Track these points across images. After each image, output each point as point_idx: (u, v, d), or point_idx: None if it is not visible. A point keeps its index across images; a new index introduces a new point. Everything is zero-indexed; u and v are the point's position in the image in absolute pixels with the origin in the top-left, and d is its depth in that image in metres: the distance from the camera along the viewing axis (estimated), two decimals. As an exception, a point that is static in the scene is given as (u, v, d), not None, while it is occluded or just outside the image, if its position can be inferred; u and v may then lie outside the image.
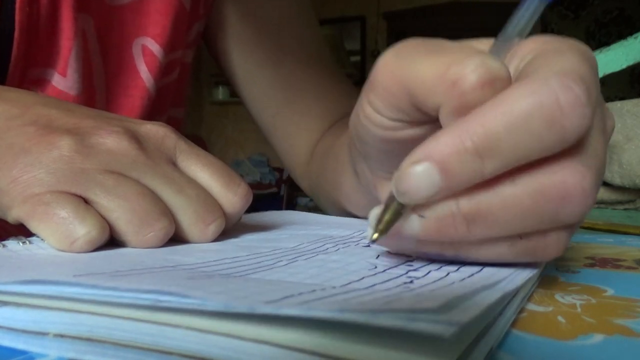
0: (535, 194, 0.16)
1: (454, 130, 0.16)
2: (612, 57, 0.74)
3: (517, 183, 0.16)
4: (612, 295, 0.18)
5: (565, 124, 0.15)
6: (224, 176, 0.26)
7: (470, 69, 0.17)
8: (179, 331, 0.12)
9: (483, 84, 0.16)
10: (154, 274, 0.16)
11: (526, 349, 0.13)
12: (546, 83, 0.15)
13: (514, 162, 0.16)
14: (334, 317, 0.10)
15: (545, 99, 0.15)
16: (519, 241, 0.17)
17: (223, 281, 0.14)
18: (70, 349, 0.13)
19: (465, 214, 0.16)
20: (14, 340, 0.14)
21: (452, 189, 0.16)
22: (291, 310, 0.11)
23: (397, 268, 0.18)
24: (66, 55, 0.35)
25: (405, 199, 0.16)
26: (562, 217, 0.16)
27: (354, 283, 0.16)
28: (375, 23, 3.68)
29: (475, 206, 0.16)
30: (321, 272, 0.17)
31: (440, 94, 0.17)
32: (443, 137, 0.16)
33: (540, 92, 0.15)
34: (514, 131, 0.15)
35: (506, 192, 0.16)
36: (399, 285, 0.15)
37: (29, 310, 0.14)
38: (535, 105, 0.15)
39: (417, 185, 0.16)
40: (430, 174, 0.16)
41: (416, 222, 0.17)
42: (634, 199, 0.56)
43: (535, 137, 0.15)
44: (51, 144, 0.22)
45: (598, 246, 0.29)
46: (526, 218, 0.16)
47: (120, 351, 0.12)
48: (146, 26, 0.40)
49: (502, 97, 0.16)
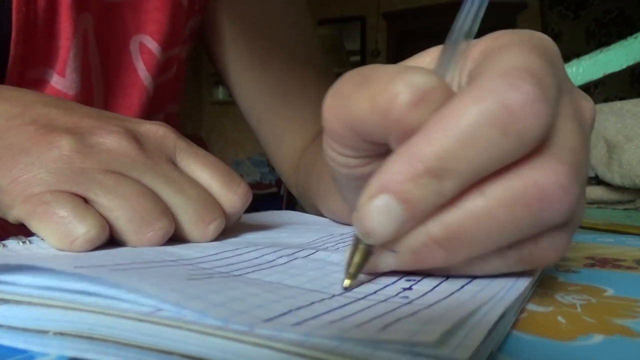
0: (508, 203, 0.15)
1: (402, 155, 0.15)
2: (612, 57, 0.74)
3: (486, 195, 0.15)
4: (612, 295, 0.18)
5: (520, 127, 0.14)
6: (224, 176, 0.26)
7: (394, 94, 0.15)
8: (179, 332, 0.12)
9: (415, 104, 0.15)
10: (155, 269, 0.16)
11: (526, 349, 0.13)
12: (490, 86, 0.14)
13: (475, 176, 0.15)
14: (334, 350, 0.10)
15: (492, 105, 0.14)
16: (509, 252, 0.16)
17: (222, 286, 0.14)
18: (70, 347, 0.13)
19: (438, 240, 0.15)
20: (14, 339, 0.14)
21: (417, 217, 0.15)
22: (290, 335, 0.11)
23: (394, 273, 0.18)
24: (65, 56, 0.35)
25: (371, 240, 0.15)
26: (546, 220, 0.15)
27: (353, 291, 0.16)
28: (375, 23, 3.67)
29: (447, 229, 0.15)
30: (320, 276, 0.17)
31: (379, 125, 0.16)
32: (393, 165, 0.15)
33: (485, 97, 0.14)
34: (465, 145, 0.14)
35: (477, 206, 0.15)
36: (397, 293, 0.15)
37: (29, 308, 0.14)
38: (482, 114, 0.14)
39: (380, 223, 0.15)
40: (390, 206, 0.15)
41: (390, 258, 0.16)
42: (634, 199, 0.56)
43: (490, 147, 0.14)
44: (51, 143, 0.22)
45: (598, 246, 0.29)
46: (506, 229, 0.15)
47: (121, 350, 0.12)
48: (144, 23, 0.39)
49: (445, 111, 0.15)
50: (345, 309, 0.13)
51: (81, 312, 0.13)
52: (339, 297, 0.15)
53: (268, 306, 0.13)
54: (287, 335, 0.11)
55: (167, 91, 0.44)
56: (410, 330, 0.11)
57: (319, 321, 0.12)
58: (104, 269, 0.15)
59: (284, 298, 0.14)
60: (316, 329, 0.11)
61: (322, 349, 0.10)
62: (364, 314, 0.13)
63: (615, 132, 0.56)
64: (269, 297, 0.14)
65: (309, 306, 0.13)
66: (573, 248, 0.29)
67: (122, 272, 0.15)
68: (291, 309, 0.13)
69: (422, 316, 0.12)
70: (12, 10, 0.32)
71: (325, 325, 0.12)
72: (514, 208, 0.15)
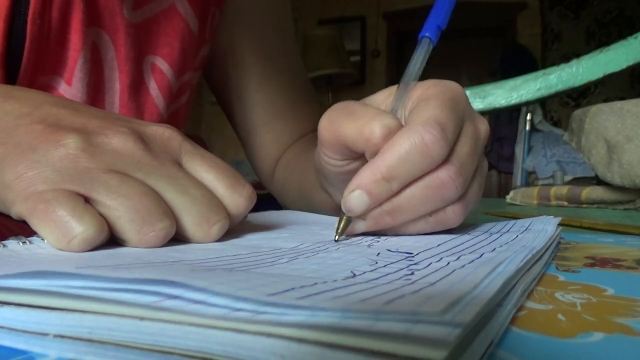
0: (425, 188, 0.25)
1: (369, 167, 0.25)
2: (612, 57, 0.74)
3: (414, 185, 0.25)
4: (613, 294, 0.18)
5: (431, 154, 0.25)
6: (229, 177, 0.26)
7: (375, 129, 0.26)
8: (180, 328, 0.12)
9: (385, 136, 0.25)
10: (156, 267, 0.16)
11: (526, 346, 0.13)
12: (416, 130, 0.25)
13: (408, 179, 0.25)
14: (337, 324, 0.10)
15: (417, 140, 0.24)
16: (429, 218, 0.27)
17: (226, 274, 0.14)
18: (70, 350, 0.13)
19: (387, 211, 0.26)
20: (14, 341, 0.14)
21: (376, 202, 0.25)
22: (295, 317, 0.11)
23: (398, 263, 0.18)
24: (72, 66, 0.36)
25: (351, 213, 0.26)
26: (445, 197, 0.26)
27: (356, 277, 0.16)
28: (375, 23, 3.68)
29: (392, 205, 0.26)
30: (322, 268, 0.17)
31: (361, 145, 0.26)
32: (365, 173, 0.25)
33: (413, 137, 0.25)
34: (403, 162, 0.25)
35: (408, 192, 0.25)
36: (400, 277, 0.16)
37: (30, 310, 0.14)
38: (411, 145, 0.24)
39: (356, 204, 0.25)
40: (361, 196, 0.25)
41: (361, 224, 0.27)
42: (634, 199, 0.56)
43: (416, 163, 0.25)
44: (58, 141, 0.22)
45: (598, 246, 0.29)
46: (425, 204, 0.26)
47: (120, 352, 0.12)
48: (155, 46, 0.41)
49: (393, 141, 0.25)
50: (349, 288, 0.13)
51: (81, 315, 0.13)
52: (342, 280, 0.15)
53: (271, 285, 0.13)
54: (291, 313, 0.11)
55: (180, 117, 0.46)
56: (415, 303, 0.11)
57: (322, 297, 0.12)
58: (106, 268, 0.15)
59: (287, 281, 0.14)
60: (320, 302, 0.11)
61: (324, 326, 0.10)
62: (367, 292, 0.13)
63: (615, 132, 0.56)
64: (273, 279, 0.14)
65: (313, 285, 0.13)
66: (573, 248, 0.29)
67: (124, 269, 0.15)
68: (294, 286, 0.13)
69: (425, 292, 0.13)
70: (28, 22, 0.33)
71: (329, 300, 0.12)
72: (427, 191, 0.25)
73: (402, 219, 0.26)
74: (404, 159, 0.24)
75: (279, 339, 0.11)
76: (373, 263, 0.18)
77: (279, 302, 0.11)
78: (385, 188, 0.25)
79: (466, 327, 0.10)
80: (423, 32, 0.30)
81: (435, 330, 0.10)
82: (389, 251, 0.22)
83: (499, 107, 0.82)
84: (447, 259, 0.19)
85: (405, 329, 0.10)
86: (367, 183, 0.25)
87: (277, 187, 0.55)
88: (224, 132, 3.84)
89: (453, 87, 0.28)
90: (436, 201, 0.26)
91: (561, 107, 3.26)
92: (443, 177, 0.25)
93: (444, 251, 0.21)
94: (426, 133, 0.24)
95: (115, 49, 0.38)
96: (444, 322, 0.10)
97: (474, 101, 0.83)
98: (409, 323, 0.10)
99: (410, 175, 0.25)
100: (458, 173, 0.25)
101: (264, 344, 0.11)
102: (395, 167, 0.25)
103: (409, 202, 0.25)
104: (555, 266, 0.23)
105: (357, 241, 0.26)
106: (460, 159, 0.26)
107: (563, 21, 3.30)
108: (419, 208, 0.26)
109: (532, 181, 2.08)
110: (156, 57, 0.41)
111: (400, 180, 0.25)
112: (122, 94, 0.39)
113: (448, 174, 0.25)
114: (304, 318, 0.11)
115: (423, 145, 0.24)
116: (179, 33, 0.41)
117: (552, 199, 0.65)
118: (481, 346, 0.12)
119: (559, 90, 0.78)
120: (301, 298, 0.12)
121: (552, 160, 2.08)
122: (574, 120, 0.63)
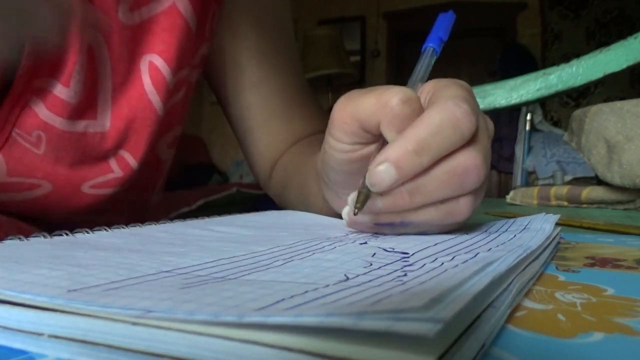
0: (448, 172, 0.25)
1: (400, 140, 0.24)
2: (612, 57, 0.74)
3: (438, 167, 0.25)
4: (613, 294, 0.18)
5: (462, 127, 0.24)
6: None
7: (394, 94, 0.25)
8: (171, 334, 0.12)
9: (403, 102, 0.25)
10: (149, 283, 0.16)
11: (526, 346, 0.13)
12: (446, 104, 0.25)
13: (438, 154, 0.24)
14: (321, 324, 0.10)
15: (447, 114, 0.24)
16: (441, 206, 0.26)
17: (216, 289, 0.14)
18: (64, 350, 0.13)
19: (408, 190, 0.25)
20: (9, 339, 0.14)
21: (405, 177, 0.24)
22: (279, 318, 0.11)
23: (392, 264, 0.18)
24: (71, 68, 0.36)
25: (375, 188, 0.25)
26: (466, 184, 0.25)
27: (349, 280, 0.16)
28: (375, 23, 3.68)
29: (415, 183, 0.25)
30: (316, 271, 0.17)
31: (378, 113, 0.26)
32: (394, 145, 0.24)
33: (444, 110, 0.24)
34: (435, 136, 0.24)
35: (432, 173, 0.25)
36: (392, 279, 0.15)
37: (25, 310, 0.14)
38: (443, 118, 0.24)
39: (382, 178, 0.24)
40: (389, 170, 0.24)
41: (379, 201, 0.26)
42: (634, 199, 0.56)
43: (447, 137, 0.24)
44: None
45: (598, 246, 0.29)
46: (445, 188, 0.25)
47: (113, 354, 0.12)
48: (153, 44, 0.41)
49: (423, 117, 0.25)
50: (339, 294, 0.13)
51: (75, 317, 0.13)
52: (333, 285, 0.15)
53: (260, 299, 0.13)
54: (276, 319, 0.11)
55: (176, 113, 0.45)
56: (399, 301, 0.11)
57: (310, 305, 0.12)
58: (97, 289, 0.15)
59: (277, 291, 0.14)
60: (306, 310, 0.11)
61: (308, 328, 0.10)
62: (357, 296, 0.13)
63: (615, 132, 0.56)
64: (262, 292, 0.14)
65: (303, 294, 0.13)
66: (573, 248, 0.29)
67: (114, 291, 0.15)
68: (284, 297, 0.13)
69: (413, 291, 0.13)
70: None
71: (316, 307, 0.12)
72: (450, 175, 0.25)
73: (419, 201, 0.25)
74: (435, 132, 0.24)
75: (266, 347, 0.11)
76: (367, 265, 0.18)
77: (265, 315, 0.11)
78: (415, 162, 0.24)
79: (449, 323, 0.10)
80: (427, 43, 0.32)
81: (417, 326, 0.10)
82: (385, 251, 0.22)
83: (499, 107, 0.82)
84: (441, 259, 0.19)
85: (387, 326, 0.10)
86: (398, 156, 0.24)
87: (275, 190, 0.55)
88: (224, 132, 3.84)
89: (463, 83, 0.28)
90: (457, 187, 0.25)
91: (561, 107, 3.26)
92: (469, 163, 0.25)
93: (439, 251, 0.21)
94: (456, 107, 0.24)
95: (108, 49, 0.39)
96: (426, 319, 0.10)
97: (473, 101, 0.83)
98: (391, 320, 0.10)
99: (441, 150, 0.24)
100: (483, 161, 0.25)
101: (252, 351, 0.11)
102: (426, 140, 0.24)
103: (431, 183, 0.25)
104: (555, 266, 0.23)
105: (353, 239, 0.26)
106: (483, 146, 0.26)
107: (563, 21, 3.30)
108: (438, 191, 0.25)
109: (532, 181, 2.08)
110: (153, 54, 0.41)
111: (431, 155, 0.24)
112: (114, 92, 0.40)
113: (474, 161, 0.25)
114: (288, 319, 0.11)
115: (455, 118, 0.24)
116: (176, 29, 0.41)
117: (552, 199, 0.65)
118: (472, 349, 0.12)
119: (559, 90, 0.78)
120: (289, 309, 0.11)
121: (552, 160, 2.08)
122: (574, 120, 0.63)
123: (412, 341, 0.10)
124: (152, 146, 0.42)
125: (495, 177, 2.97)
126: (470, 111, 0.24)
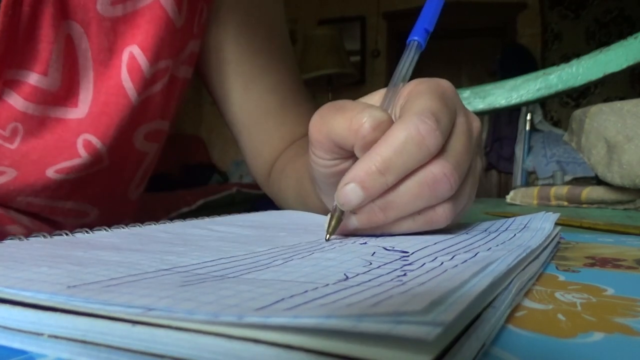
0: (418, 184, 0.25)
1: (365, 159, 0.25)
2: (612, 57, 0.74)
3: (408, 181, 0.25)
4: (613, 294, 0.18)
5: (427, 144, 0.24)
6: None
7: (365, 119, 0.25)
8: (171, 335, 0.12)
9: (374, 128, 0.25)
10: (148, 280, 0.16)
11: (526, 346, 0.13)
12: (411, 121, 0.24)
13: (404, 172, 0.24)
14: (320, 325, 0.10)
15: (412, 131, 0.24)
16: (418, 216, 0.26)
17: (215, 287, 0.14)
18: (64, 350, 0.13)
19: (380, 206, 0.25)
20: (9, 339, 0.14)
21: (371, 196, 0.25)
22: (278, 319, 0.11)
23: (392, 264, 0.18)
24: (47, 57, 0.36)
25: (344, 207, 0.25)
26: (439, 194, 0.25)
27: (349, 280, 0.16)
28: (375, 23, 3.68)
29: (385, 200, 0.25)
30: (316, 271, 0.17)
31: (351, 138, 0.26)
32: (359, 165, 0.25)
33: (408, 127, 0.24)
34: (399, 154, 0.24)
35: (402, 188, 0.25)
36: (392, 279, 0.15)
37: (24, 310, 0.14)
38: (407, 136, 0.24)
39: (350, 198, 0.25)
40: (355, 189, 0.25)
41: (354, 220, 0.26)
42: (634, 199, 0.56)
43: (412, 155, 0.24)
44: None
45: (598, 246, 0.29)
46: (417, 200, 0.25)
47: (113, 354, 0.12)
48: (135, 36, 0.41)
49: (388, 134, 0.25)
50: (339, 293, 0.13)
51: (74, 317, 0.13)
52: (333, 285, 0.15)
53: (260, 298, 0.13)
54: (276, 320, 0.11)
55: (153, 105, 0.44)
56: (399, 303, 0.11)
57: (310, 305, 0.12)
58: (97, 285, 0.15)
59: (277, 290, 0.14)
60: (305, 311, 0.11)
61: (307, 329, 0.10)
62: (357, 296, 0.13)
63: (615, 132, 0.56)
64: (262, 291, 0.14)
65: (303, 294, 0.13)
66: (573, 248, 0.29)
67: (114, 287, 0.15)
68: (284, 297, 0.13)
69: (413, 292, 0.13)
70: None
71: (316, 308, 0.12)
72: (421, 187, 0.25)
73: (393, 216, 0.25)
74: (399, 150, 0.24)
75: (266, 346, 0.11)
76: (367, 264, 0.18)
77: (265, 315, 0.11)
78: (380, 181, 0.24)
79: (449, 326, 0.10)
80: (411, 36, 0.31)
81: (417, 329, 0.10)
82: (385, 250, 0.22)
83: (499, 107, 0.82)
84: (441, 258, 0.19)
85: (388, 329, 0.10)
86: (362, 176, 0.24)
87: (273, 191, 0.55)
88: (224, 132, 3.84)
89: (442, 82, 0.28)
90: (429, 198, 0.25)
91: (561, 107, 3.27)
92: (437, 173, 0.24)
93: (439, 250, 0.21)
94: (421, 123, 0.24)
95: (88, 40, 0.39)
96: (426, 322, 0.10)
97: (473, 101, 0.83)
98: (392, 323, 0.10)
99: (405, 168, 0.24)
100: (453, 169, 0.25)
101: (252, 351, 0.11)
102: (390, 159, 0.24)
103: (402, 197, 0.25)
104: (555, 266, 0.23)
105: (353, 238, 0.26)
106: (455, 155, 0.26)
107: (563, 21, 3.30)
108: (411, 205, 0.25)
109: (532, 181, 2.08)
110: (134, 46, 0.41)
111: (396, 173, 0.24)
112: (96, 81, 0.40)
113: (442, 170, 0.24)
114: (288, 320, 0.11)
115: (419, 135, 0.24)
116: (155, 20, 0.41)
117: (552, 199, 0.65)
118: (472, 349, 0.12)
119: (559, 90, 0.78)
120: (288, 309, 0.11)
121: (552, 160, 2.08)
122: (574, 120, 0.63)
123: (412, 340, 0.10)
124: (124, 134, 0.42)
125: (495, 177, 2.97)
126: (434, 127, 0.24)
